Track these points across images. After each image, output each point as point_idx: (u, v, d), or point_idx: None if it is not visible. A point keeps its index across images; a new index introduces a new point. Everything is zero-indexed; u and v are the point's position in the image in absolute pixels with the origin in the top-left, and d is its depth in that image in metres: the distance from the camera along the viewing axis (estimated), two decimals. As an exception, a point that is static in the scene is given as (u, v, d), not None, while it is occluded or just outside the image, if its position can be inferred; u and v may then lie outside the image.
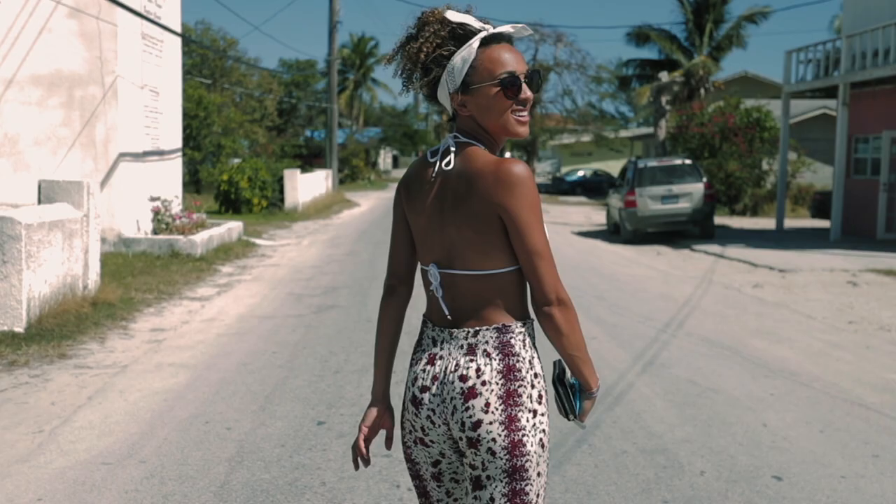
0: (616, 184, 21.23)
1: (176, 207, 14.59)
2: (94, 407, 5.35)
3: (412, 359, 2.19)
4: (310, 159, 42.91)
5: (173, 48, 15.42)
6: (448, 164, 2.10)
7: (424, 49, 2.07)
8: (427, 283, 2.17)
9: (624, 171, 20.61)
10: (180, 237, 12.96)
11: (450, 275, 2.10)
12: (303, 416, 5.18)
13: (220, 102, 30.46)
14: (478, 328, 2.05)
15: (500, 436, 2.00)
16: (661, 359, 6.83)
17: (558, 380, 2.12)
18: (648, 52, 35.26)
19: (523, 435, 2.01)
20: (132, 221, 13.10)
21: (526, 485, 2.01)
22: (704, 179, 18.74)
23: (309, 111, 49.58)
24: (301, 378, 6.09)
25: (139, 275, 10.74)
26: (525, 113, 2.10)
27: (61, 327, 7.47)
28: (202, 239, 13.27)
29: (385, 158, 65.91)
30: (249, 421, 5.06)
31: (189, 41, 25.85)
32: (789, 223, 22.21)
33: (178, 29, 15.77)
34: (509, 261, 2.05)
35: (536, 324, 2.11)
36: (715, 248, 16.52)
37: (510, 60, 2.07)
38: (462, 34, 2.07)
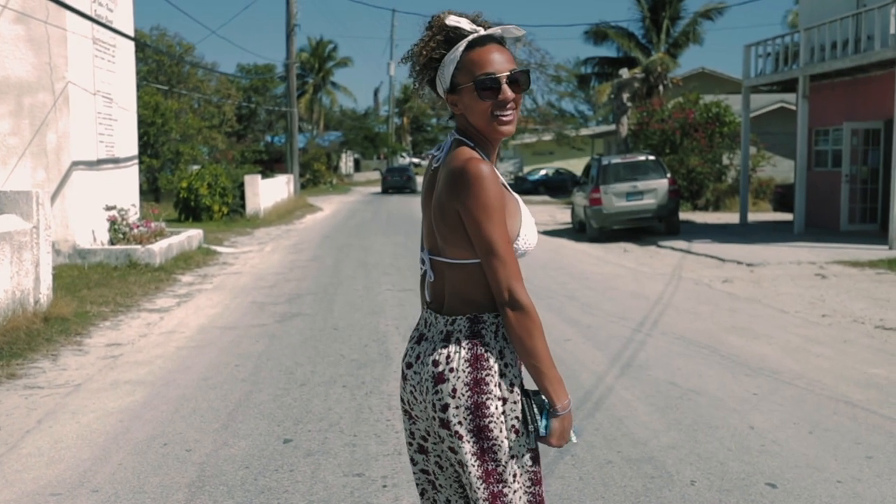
0: (580, 182, 21.09)
1: (133, 216, 14.19)
2: (43, 431, 5.02)
3: (409, 336, 2.34)
4: (270, 164, 42.39)
5: (126, 53, 15.00)
6: (437, 160, 2.26)
7: (424, 52, 2.21)
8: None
9: (588, 169, 20.48)
10: (138, 247, 12.57)
11: (437, 261, 2.23)
12: (268, 433, 4.89)
13: (178, 109, 29.92)
14: (455, 317, 2.16)
15: (465, 419, 2.09)
16: (639, 360, 6.64)
17: (525, 392, 2.13)
18: (607, 51, 35.16)
19: (490, 421, 2.09)
20: (87, 232, 12.68)
21: (498, 465, 2.10)
22: (668, 175, 18.69)
23: (268, 116, 49.01)
24: (265, 392, 5.80)
25: (95, 287, 10.35)
26: (508, 113, 2.18)
27: (10, 345, 7.09)
28: (161, 248, 12.89)
29: (347, 162, 65.41)
30: (211, 441, 4.76)
31: (143, 45, 25.30)
32: (752, 217, 22.26)
33: (131, 33, 15.35)
34: (476, 254, 2.14)
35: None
36: (681, 243, 16.46)
37: (491, 61, 2.16)
38: (454, 38, 2.18)
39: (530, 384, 2.14)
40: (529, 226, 2.21)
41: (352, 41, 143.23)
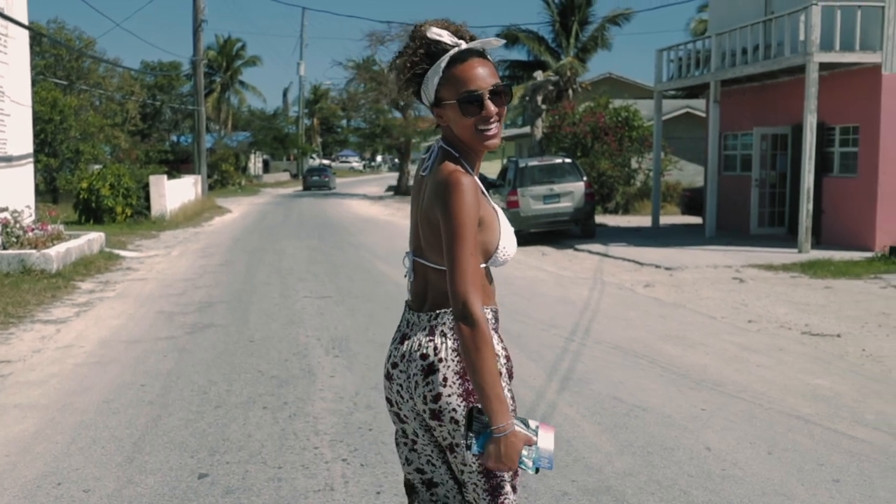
0: (496, 184, 20.89)
1: (28, 218, 13.29)
2: (-85, 469, 4.37)
3: (392, 339, 2.38)
4: (177, 165, 41.03)
5: (21, 44, 14.04)
6: (426, 169, 2.31)
7: (408, 66, 2.25)
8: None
9: (504, 171, 20.31)
10: (33, 251, 11.73)
11: (420, 263, 2.30)
12: (180, 467, 4.35)
13: (78, 105, 28.58)
14: (438, 311, 2.24)
15: (459, 406, 2.16)
16: (578, 372, 6.32)
17: (470, 409, 2.14)
18: (517, 54, 35.16)
19: None
20: (-25, 236, 11.75)
21: None
22: (584, 178, 18.65)
23: (174, 115, 47.52)
24: (176, 416, 5.24)
25: (-17, 296, 9.53)
26: (492, 127, 2.22)
27: None
28: (58, 252, 12.07)
29: (256, 163, 63.96)
30: (113, 478, 4.19)
31: (39, 35, 24.03)
32: (662, 220, 22.42)
33: (26, 22, 14.38)
34: None
35: (499, 311, 2.39)
36: (598, 247, 16.42)
37: (473, 78, 2.19)
38: (436, 52, 2.21)
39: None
40: (508, 237, 2.28)
41: (261, 39, 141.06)
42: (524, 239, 18.07)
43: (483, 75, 2.20)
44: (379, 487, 4.02)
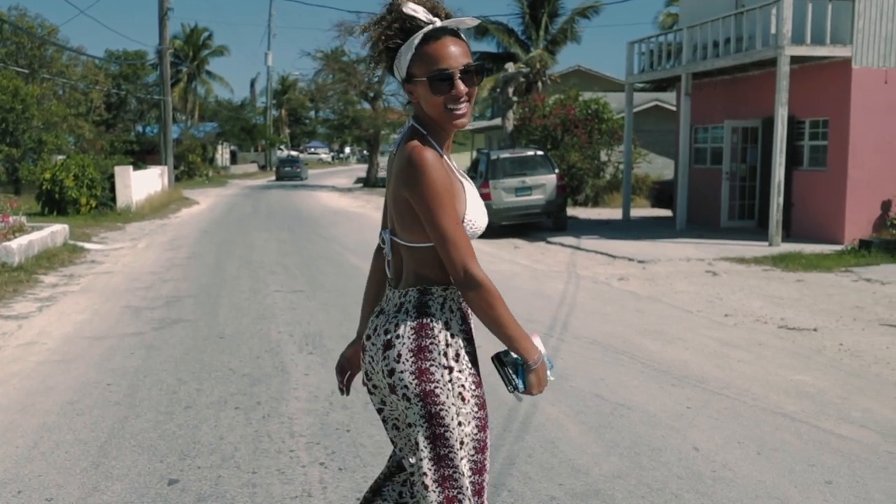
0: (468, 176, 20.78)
1: (-13, 210, 12.93)
2: None
3: (372, 312, 2.45)
4: (142, 156, 40.41)
5: (-22, 30, 13.66)
6: (395, 146, 2.32)
7: (382, 39, 2.23)
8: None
9: (476, 163, 20.19)
10: (-7, 244, 11.39)
11: (395, 242, 2.33)
12: (149, 472, 4.15)
13: (40, 94, 28.01)
14: (407, 289, 2.28)
15: (411, 384, 2.18)
16: (558, 368, 6.18)
17: (496, 357, 2.26)
18: (487, 46, 35.06)
19: (435, 386, 2.17)
20: (-67, 228, 11.39)
21: (445, 430, 2.18)
22: (556, 171, 18.59)
23: (140, 105, 46.82)
24: (144, 418, 5.03)
25: (-59, 291, 9.22)
26: (461, 107, 2.22)
27: None
28: (20, 245, 11.75)
29: (223, 154, 63.24)
30: (77, 485, 3.98)
31: (0, 22, 23.45)
32: (632, 212, 22.43)
33: (-16, 9, 14.00)
34: (428, 237, 2.21)
35: None
36: (570, 240, 16.35)
37: (446, 56, 2.19)
38: (410, 28, 2.20)
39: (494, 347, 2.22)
40: (476, 209, 2.27)
41: (228, 29, 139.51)
42: (496, 231, 17.96)
43: (455, 54, 2.20)
44: (359, 493, 3.86)
